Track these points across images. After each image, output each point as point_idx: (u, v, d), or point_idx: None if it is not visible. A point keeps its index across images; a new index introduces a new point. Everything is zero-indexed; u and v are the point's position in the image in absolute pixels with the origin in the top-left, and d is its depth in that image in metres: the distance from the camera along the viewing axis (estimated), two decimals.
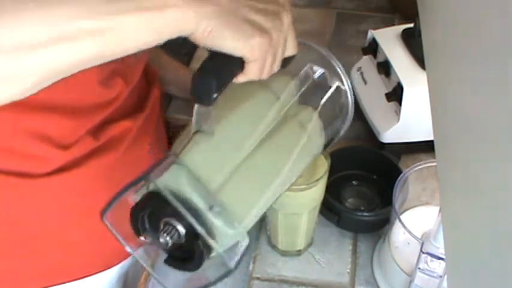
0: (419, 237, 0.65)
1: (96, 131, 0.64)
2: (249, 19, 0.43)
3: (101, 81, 0.60)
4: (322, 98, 0.56)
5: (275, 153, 0.52)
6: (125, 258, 0.74)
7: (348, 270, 0.75)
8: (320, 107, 0.55)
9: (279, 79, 0.53)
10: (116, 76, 0.63)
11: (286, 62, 0.50)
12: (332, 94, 0.56)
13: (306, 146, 0.54)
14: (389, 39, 0.84)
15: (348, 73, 0.93)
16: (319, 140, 0.58)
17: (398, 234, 0.69)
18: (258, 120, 0.51)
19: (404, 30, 0.85)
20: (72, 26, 0.39)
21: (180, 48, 1.01)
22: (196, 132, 0.48)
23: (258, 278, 0.74)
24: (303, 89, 0.54)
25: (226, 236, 0.45)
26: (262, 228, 0.78)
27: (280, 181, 0.52)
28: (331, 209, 0.76)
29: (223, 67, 0.44)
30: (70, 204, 0.65)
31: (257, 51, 0.44)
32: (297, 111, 0.54)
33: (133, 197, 0.45)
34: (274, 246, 0.77)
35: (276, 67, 0.48)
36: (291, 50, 0.48)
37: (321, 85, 0.56)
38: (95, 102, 0.62)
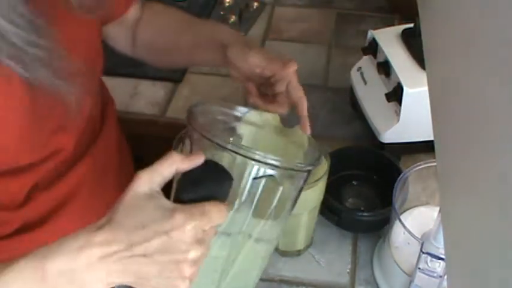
0: (419, 237, 0.65)
1: (48, 185, 0.65)
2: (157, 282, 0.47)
3: (40, 141, 0.60)
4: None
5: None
6: None
7: (348, 270, 0.75)
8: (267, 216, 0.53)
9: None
10: (56, 131, 0.62)
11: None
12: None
13: (264, 249, 0.55)
14: (389, 39, 0.84)
15: (348, 73, 0.93)
16: (275, 230, 0.56)
17: (398, 234, 0.69)
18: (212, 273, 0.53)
19: (404, 30, 0.85)
20: None
21: None
22: None
23: None
24: (253, 206, 0.52)
25: None
26: None
27: None
28: (331, 209, 0.76)
29: None
30: None
31: None
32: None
33: None
34: None
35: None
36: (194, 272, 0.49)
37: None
38: (38, 158, 0.62)
